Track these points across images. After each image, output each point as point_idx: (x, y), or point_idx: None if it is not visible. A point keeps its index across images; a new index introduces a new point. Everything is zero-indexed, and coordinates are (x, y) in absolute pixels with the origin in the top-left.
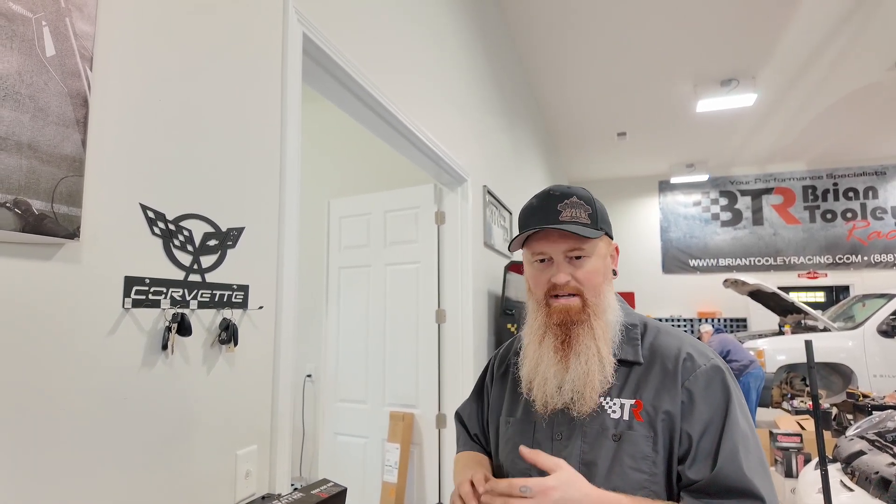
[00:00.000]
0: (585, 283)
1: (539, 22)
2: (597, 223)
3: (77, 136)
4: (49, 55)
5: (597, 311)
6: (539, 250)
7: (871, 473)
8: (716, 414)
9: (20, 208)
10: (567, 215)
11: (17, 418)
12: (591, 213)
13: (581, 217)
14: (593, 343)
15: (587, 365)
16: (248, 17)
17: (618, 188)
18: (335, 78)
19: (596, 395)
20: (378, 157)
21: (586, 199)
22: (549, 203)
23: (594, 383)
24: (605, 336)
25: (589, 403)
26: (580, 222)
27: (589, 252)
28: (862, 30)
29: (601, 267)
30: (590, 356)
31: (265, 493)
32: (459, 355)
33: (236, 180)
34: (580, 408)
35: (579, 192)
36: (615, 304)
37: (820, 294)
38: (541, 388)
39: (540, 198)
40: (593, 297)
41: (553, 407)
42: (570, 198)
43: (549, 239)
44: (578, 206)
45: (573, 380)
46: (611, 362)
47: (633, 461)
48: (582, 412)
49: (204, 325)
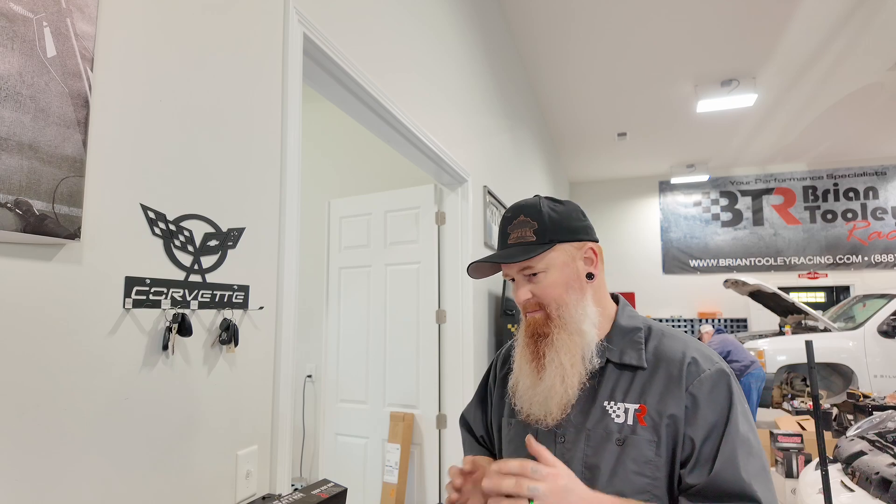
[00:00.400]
0: (544, 298)
1: (540, 22)
2: (545, 236)
3: (78, 136)
4: (50, 56)
5: (561, 324)
6: (504, 272)
7: (872, 474)
8: (719, 418)
9: (21, 209)
10: (514, 237)
11: (19, 419)
12: (536, 228)
13: (526, 236)
14: (556, 355)
15: (552, 378)
16: (249, 17)
17: (618, 188)
18: (336, 78)
19: (560, 410)
20: (378, 158)
21: (533, 213)
22: (504, 226)
23: (556, 395)
24: (570, 348)
25: (554, 417)
26: (524, 242)
27: (542, 267)
28: (862, 30)
29: (562, 278)
30: (553, 368)
31: (265, 494)
32: (460, 356)
33: (237, 181)
34: (546, 420)
35: (527, 209)
36: (591, 311)
37: (820, 294)
38: (521, 399)
39: (501, 220)
40: (556, 309)
41: (534, 417)
42: (518, 217)
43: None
44: (524, 224)
45: (542, 391)
46: (577, 374)
47: (637, 465)
48: (547, 425)
49: (204, 326)
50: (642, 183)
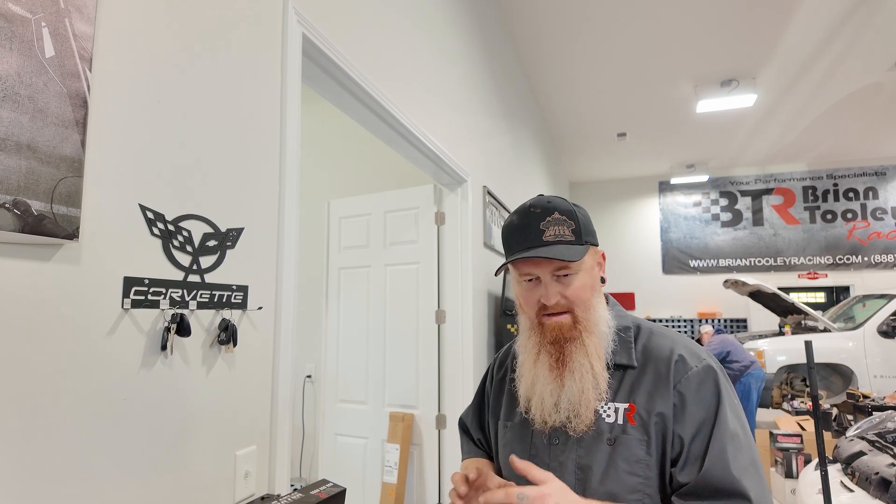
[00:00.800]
0: (575, 301)
1: (540, 23)
2: (581, 237)
3: (76, 136)
4: (48, 56)
5: (588, 327)
6: (526, 271)
7: (872, 474)
8: (707, 416)
9: (19, 209)
10: (551, 234)
11: (17, 419)
12: (574, 228)
13: (565, 235)
14: (586, 360)
15: (581, 382)
16: (248, 17)
17: (618, 189)
18: (335, 79)
19: (591, 412)
20: (378, 158)
21: (568, 213)
22: (532, 221)
23: (589, 400)
24: (597, 352)
25: (585, 421)
26: (565, 240)
27: (576, 269)
28: (862, 30)
29: (589, 281)
30: (584, 373)
31: (264, 494)
32: (459, 356)
33: (236, 181)
34: (577, 425)
35: (561, 207)
36: (606, 314)
37: (820, 294)
38: (538, 407)
39: (521, 215)
40: (583, 312)
41: (553, 424)
42: (552, 214)
43: (535, 261)
44: (561, 222)
45: (569, 398)
46: (605, 378)
47: (628, 465)
48: (578, 430)
49: (203, 326)
50: (642, 183)
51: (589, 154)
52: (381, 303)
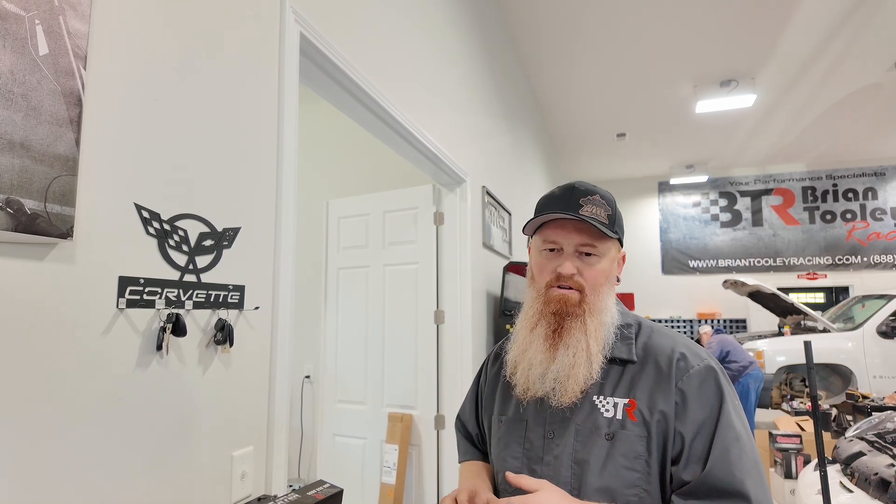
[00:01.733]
0: (589, 281)
1: (539, 23)
2: (613, 226)
3: (71, 135)
4: (42, 54)
5: (593, 309)
6: (552, 238)
7: (871, 475)
8: (709, 415)
9: (12, 208)
10: (587, 211)
11: (10, 419)
12: (610, 214)
13: (601, 216)
14: (584, 338)
15: (574, 357)
16: (245, 16)
17: (617, 189)
18: (333, 78)
19: (577, 389)
20: (377, 158)
21: (609, 200)
22: (572, 195)
23: (578, 376)
24: (596, 334)
25: (569, 395)
26: (599, 220)
27: (600, 252)
28: (861, 30)
29: (608, 269)
30: (578, 350)
31: (261, 495)
32: (458, 356)
33: (232, 180)
34: (560, 398)
35: (603, 193)
36: (613, 307)
37: (819, 295)
38: (524, 373)
39: (563, 189)
40: (592, 295)
41: (533, 394)
42: (594, 195)
43: (564, 229)
44: (600, 204)
45: (558, 369)
46: (598, 360)
47: (627, 460)
48: (561, 402)
49: (199, 326)
50: (641, 183)
51: (588, 154)
52: (379, 303)
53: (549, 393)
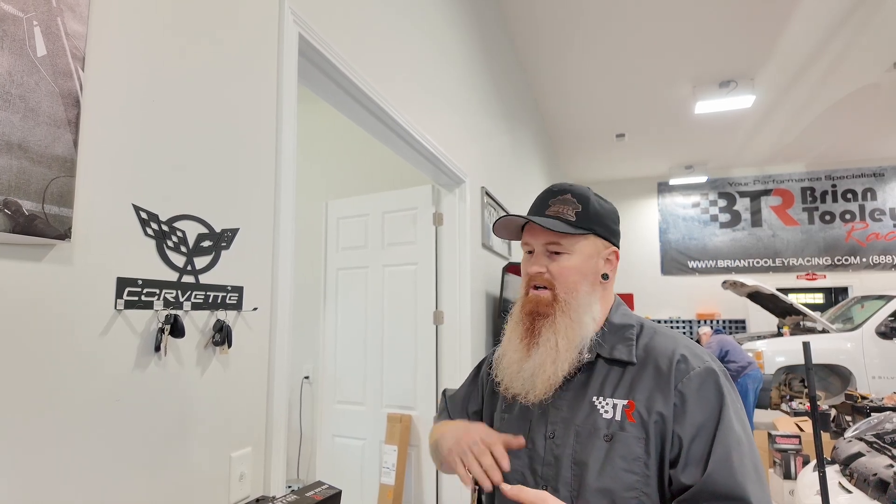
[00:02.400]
0: (558, 278)
1: (538, 24)
2: (584, 222)
3: (68, 136)
4: (40, 55)
5: (565, 309)
6: (525, 240)
7: (870, 475)
8: (708, 418)
9: (10, 209)
10: (553, 210)
11: (9, 420)
12: (579, 211)
13: (566, 214)
14: (553, 336)
15: (543, 356)
16: (244, 17)
17: (617, 190)
18: (332, 79)
19: (544, 387)
20: (376, 159)
21: (580, 196)
22: (545, 196)
23: (546, 374)
24: (567, 332)
25: (537, 393)
26: (563, 219)
27: (567, 248)
28: (860, 31)
29: (581, 266)
30: (549, 348)
31: (259, 496)
32: (457, 357)
33: (231, 181)
34: (528, 396)
35: (576, 190)
36: (595, 308)
37: (819, 295)
38: (504, 372)
39: (542, 192)
40: (565, 293)
41: (513, 392)
42: (565, 194)
43: (532, 231)
44: (569, 202)
45: (530, 368)
46: (569, 358)
47: (625, 462)
48: (528, 400)
49: (197, 327)
50: (641, 184)
51: (588, 155)
52: (379, 303)
53: (520, 392)
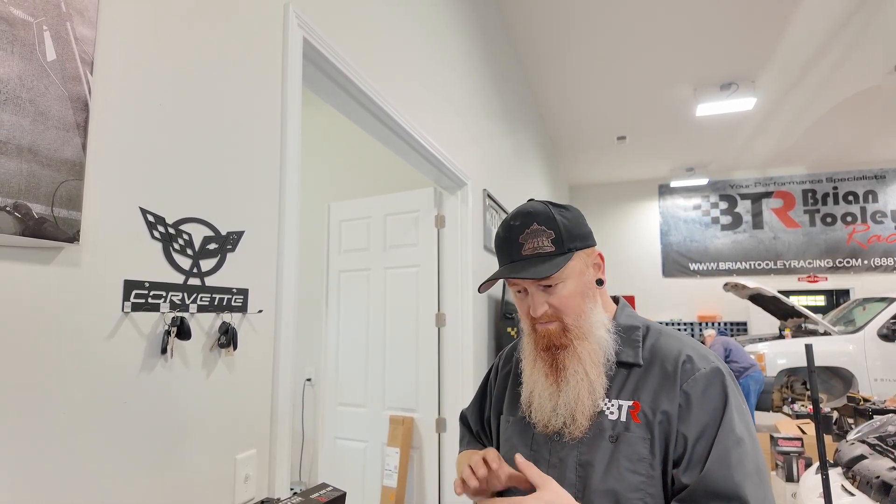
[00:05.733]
0: (562, 309)
1: (540, 27)
2: (563, 245)
3: (77, 139)
4: (50, 59)
5: (579, 334)
6: (513, 283)
7: (872, 478)
8: (712, 418)
9: (20, 212)
10: (529, 248)
11: (17, 422)
12: (554, 237)
13: (544, 246)
14: (580, 366)
15: (577, 389)
16: (249, 21)
17: (618, 192)
18: (335, 82)
19: (587, 418)
20: (378, 161)
21: (547, 221)
22: (512, 235)
23: (585, 407)
24: (591, 358)
25: (581, 427)
26: (543, 252)
27: (560, 278)
28: (862, 33)
29: (578, 286)
30: (579, 380)
31: (264, 498)
32: (459, 359)
33: (236, 184)
34: (572, 431)
35: (539, 216)
36: (603, 318)
37: (820, 298)
38: (538, 412)
39: (504, 227)
40: (574, 320)
41: (553, 428)
42: (531, 226)
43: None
44: (539, 233)
45: (565, 403)
46: (601, 383)
47: (630, 463)
48: (574, 435)
49: (203, 329)
50: (642, 186)
51: (589, 157)
52: (381, 306)
53: (562, 427)
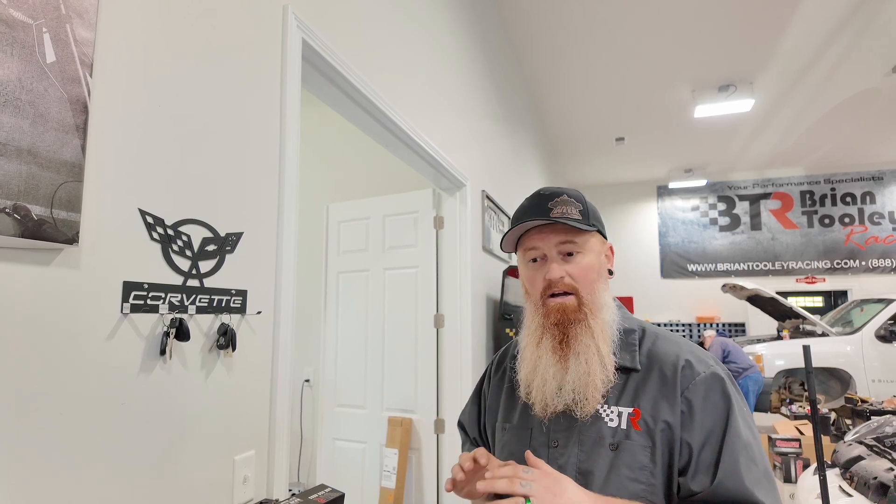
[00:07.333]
0: (580, 280)
1: (538, 28)
2: (589, 220)
3: (77, 141)
4: (49, 61)
5: (593, 310)
6: (532, 246)
7: (870, 479)
8: (716, 424)
9: (19, 213)
10: (558, 212)
11: (16, 423)
12: (581, 209)
13: (572, 213)
14: (592, 342)
15: (588, 364)
16: (248, 23)
17: (616, 193)
18: (334, 84)
19: (598, 395)
20: (377, 162)
21: (576, 197)
22: (541, 202)
23: (596, 383)
24: (603, 335)
25: (592, 404)
26: (572, 218)
27: (581, 247)
28: (860, 35)
29: (595, 263)
30: (590, 355)
31: (263, 499)
32: (458, 360)
33: (235, 185)
34: (582, 409)
35: (569, 191)
36: (611, 303)
37: (818, 299)
38: (540, 390)
39: (531, 199)
40: (588, 294)
41: (553, 409)
42: (560, 196)
43: (540, 234)
44: (569, 203)
45: (573, 380)
46: (611, 361)
47: (631, 471)
48: (585, 413)
49: (202, 331)
50: (640, 187)
51: (587, 158)
52: (379, 307)
53: (570, 405)
